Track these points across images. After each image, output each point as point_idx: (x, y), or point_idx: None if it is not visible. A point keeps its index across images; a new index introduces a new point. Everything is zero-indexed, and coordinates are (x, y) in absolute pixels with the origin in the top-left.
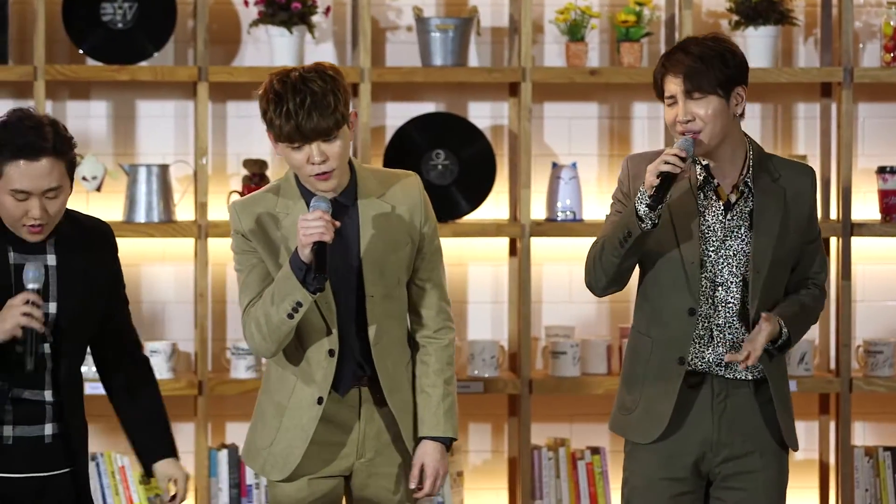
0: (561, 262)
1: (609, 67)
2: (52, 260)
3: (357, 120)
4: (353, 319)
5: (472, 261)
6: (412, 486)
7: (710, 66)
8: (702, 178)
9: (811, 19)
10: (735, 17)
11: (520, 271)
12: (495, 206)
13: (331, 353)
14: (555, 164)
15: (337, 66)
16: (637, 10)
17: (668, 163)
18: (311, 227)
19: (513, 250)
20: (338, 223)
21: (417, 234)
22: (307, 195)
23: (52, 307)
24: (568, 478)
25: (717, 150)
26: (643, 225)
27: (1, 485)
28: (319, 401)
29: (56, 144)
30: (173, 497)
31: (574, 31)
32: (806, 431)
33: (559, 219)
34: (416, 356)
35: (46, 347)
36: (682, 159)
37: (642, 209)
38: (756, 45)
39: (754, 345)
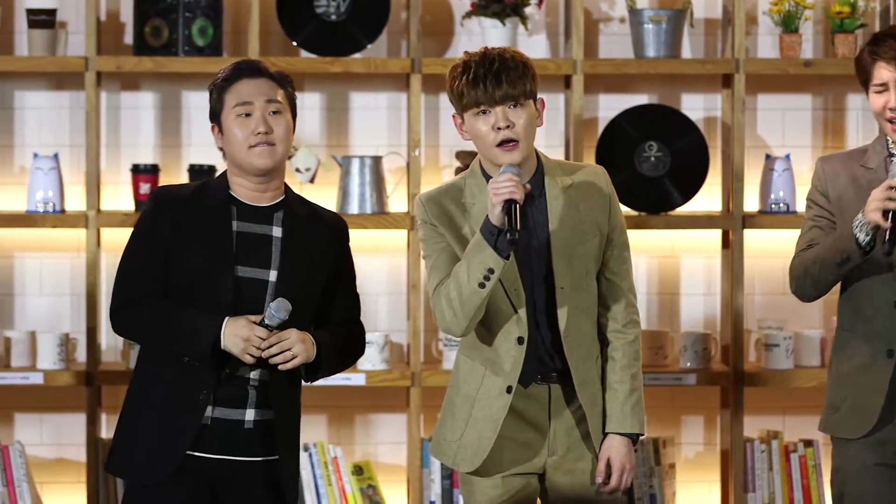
0: (774, 255)
1: (823, 59)
2: (277, 231)
3: (544, 108)
4: (544, 311)
5: (685, 252)
6: (598, 480)
7: None
8: None
9: None
10: None
11: (732, 263)
12: (707, 198)
13: (519, 340)
14: (768, 156)
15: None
16: (852, 1)
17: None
18: (501, 186)
19: (725, 242)
20: (528, 186)
21: (606, 226)
22: None
23: (272, 275)
24: (781, 470)
25: None
26: (864, 255)
27: (195, 464)
28: (508, 389)
29: (274, 74)
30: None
31: (788, 23)
32: None
33: (772, 210)
34: (605, 351)
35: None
36: None
37: (862, 237)
38: None
39: None
